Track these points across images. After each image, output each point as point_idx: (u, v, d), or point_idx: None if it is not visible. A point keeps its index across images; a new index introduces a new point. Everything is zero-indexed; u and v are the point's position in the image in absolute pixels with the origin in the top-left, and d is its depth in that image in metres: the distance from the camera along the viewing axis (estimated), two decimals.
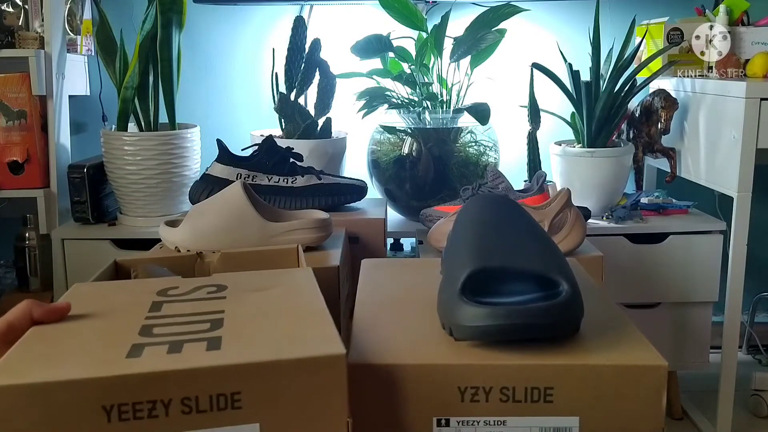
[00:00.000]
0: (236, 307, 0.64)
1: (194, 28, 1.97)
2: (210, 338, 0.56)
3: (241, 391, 0.52)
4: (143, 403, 0.50)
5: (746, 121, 1.49)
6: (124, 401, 0.50)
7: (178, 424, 0.51)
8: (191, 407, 0.51)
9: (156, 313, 0.63)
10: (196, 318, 0.61)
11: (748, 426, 1.76)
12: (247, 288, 0.70)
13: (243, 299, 0.67)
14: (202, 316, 0.62)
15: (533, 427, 0.63)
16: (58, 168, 1.72)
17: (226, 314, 0.62)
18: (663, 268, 1.67)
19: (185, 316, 0.62)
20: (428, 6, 1.86)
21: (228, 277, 0.74)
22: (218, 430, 0.52)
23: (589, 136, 1.69)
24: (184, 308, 0.64)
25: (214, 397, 0.51)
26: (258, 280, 0.73)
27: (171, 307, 0.65)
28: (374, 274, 0.89)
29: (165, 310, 0.64)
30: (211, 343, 0.55)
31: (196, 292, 0.69)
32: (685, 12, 1.87)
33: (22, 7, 1.74)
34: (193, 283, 0.72)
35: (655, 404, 0.62)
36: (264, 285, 0.71)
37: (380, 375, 0.63)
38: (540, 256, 0.70)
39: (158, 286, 0.71)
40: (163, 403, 0.51)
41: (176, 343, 0.55)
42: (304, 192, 1.42)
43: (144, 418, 0.50)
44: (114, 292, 0.71)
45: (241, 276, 0.75)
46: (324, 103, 1.73)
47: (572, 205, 1.29)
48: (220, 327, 0.59)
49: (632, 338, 0.67)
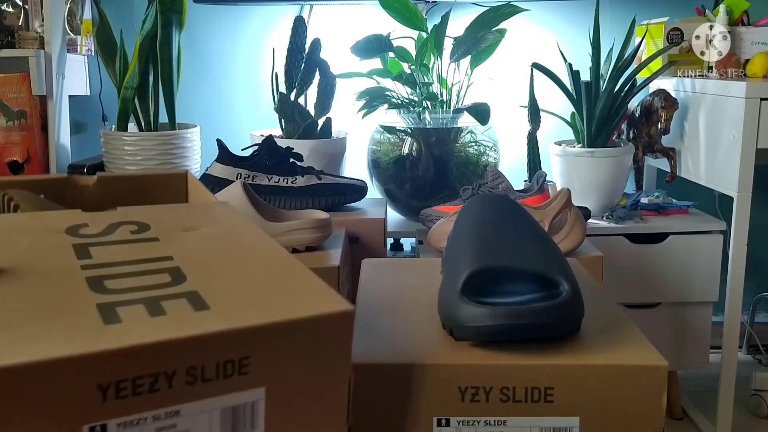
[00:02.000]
0: (183, 252, 0.56)
1: (194, 28, 1.97)
2: (186, 294, 0.49)
3: (249, 355, 0.47)
4: (144, 377, 0.44)
5: (746, 121, 1.49)
6: (123, 377, 0.43)
7: (180, 396, 0.45)
8: (196, 377, 0.46)
9: (90, 261, 0.53)
10: (146, 267, 0.53)
11: (748, 426, 1.76)
12: (175, 227, 0.61)
13: (181, 240, 0.59)
14: (151, 264, 0.54)
15: (533, 427, 0.63)
16: (58, 168, 1.72)
17: (178, 261, 0.54)
18: (663, 268, 1.67)
19: (130, 265, 0.53)
20: (428, 6, 1.86)
21: (140, 212, 0.64)
22: (221, 399, 0.47)
23: (589, 136, 1.69)
24: (120, 253, 0.55)
25: (221, 365, 0.46)
26: (179, 217, 0.64)
27: (102, 252, 0.55)
28: (374, 274, 0.89)
29: (97, 256, 0.54)
30: (192, 301, 0.49)
31: (116, 232, 0.60)
32: (685, 12, 1.87)
33: (22, 7, 1.74)
34: (104, 220, 0.62)
35: (655, 404, 0.62)
36: (192, 223, 0.62)
37: (380, 375, 0.63)
38: (540, 256, 0.70)
39: (63, 222, 0.61)
40: (167, 375, 0.44)
41: (150, 301, 0.48)
42: (304, 192, 1.42)
43: (144, 393, 0.44)
44: (13, 232, 0.59)
45: (156, 210, 0.66)
46: (324, 103, 1.73)
47: (572, 205, 1.29)
48: (184, 279, 0.52)
49: (632, 338, 0.67)
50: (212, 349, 0.46)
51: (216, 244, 0.59)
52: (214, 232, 0.61)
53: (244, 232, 0.62)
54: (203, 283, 0.51)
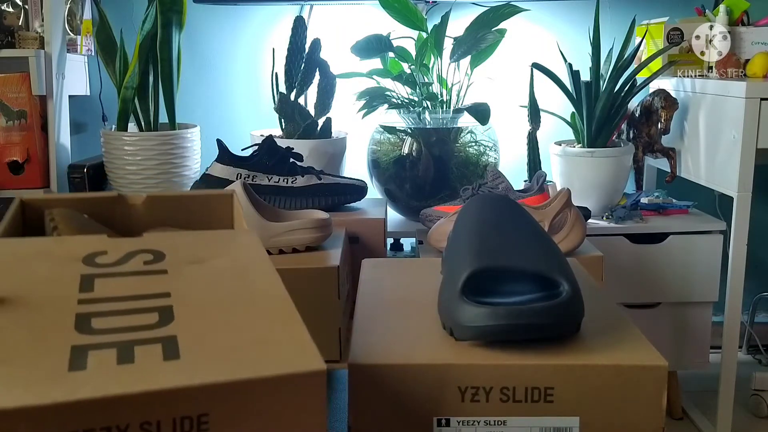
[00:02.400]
0: (182, 289, 0.57)
1: (194, 28, 1.97)
2: (164, 340, 0.49)
3: (209, 412, 0.45)
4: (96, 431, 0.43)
5: (746, 121, 1.49)
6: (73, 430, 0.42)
7: None
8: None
9: (89, 295, 0.55)
10: (140, 304, 0.54)
11: (748, 426, 1.76)
12: (188, 258, 0.62)
13: (186, 275, 0.59)
14: (147, 301, 0.54)
15: (533, 427, 0.63)
16: (58, 168, 1.72)
17: (174, 299, 0.55)
18: (663, 268, 1.67)
19: (126, 301, 0.54)
20: (428, 6, 1.86)
21: (162, 240, 0.66)
22: None
23: (589, 136, 1.69)
24: (122, 287, 0.56)
25: (178, 421, 0.45)
26: (198, 247, 0.65)
27: (105, 285, 0.56)
28: (374, 274, 0.89)
29: (99, 289, 0.56)
30: (166, 347, 0.48)
31: (130, 262, 0.61)
32: (685, 12, 1.87)
33: (22, 7, 1.74)
34: (123, 248, 0.63)
35: (655, 404, 0.62)
36: (205, 254, 0.63)
37: (380, 375, 0.63)
38: (540, 256, 0.70)
39: (84, 249, 0.62)
40: (119, 429, 0.43)
41: (124, 345, 0.48)
42: (304, 192, 1.42)
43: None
44: (32, 260, 0.61)
45: (178, 238, 0.67)
46: (324, 103, 1.73)
47: (572, 205, 1.29)
48: (170, 320, 0.52)
49: (632, 338, 0.67)
50: (169, 405, 0.44)
51: (219, 281, 0.59)
52: (223, 267, 0.62)
53: (253, 269, 0.62)
54: (187, 326, 0.51)
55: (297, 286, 1.09)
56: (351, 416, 0.63)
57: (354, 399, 0.63)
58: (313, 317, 1.09)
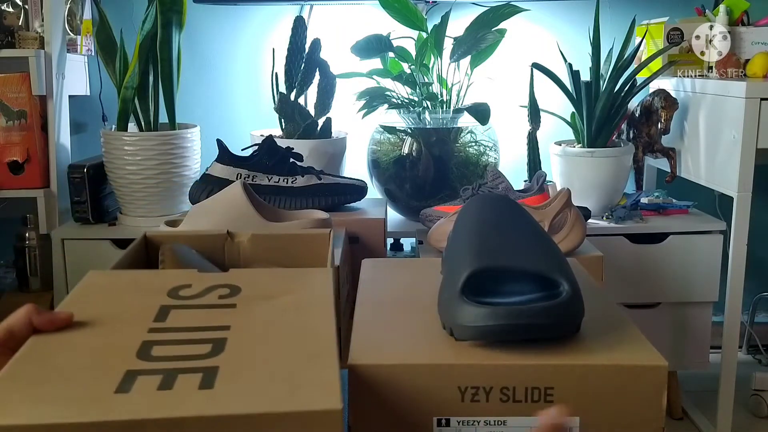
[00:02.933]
0: (242, 323, 0.61)
1: (194, 28, 1.97)
2: (206, 370, 0.53)
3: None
4: None
5: (746, 121, 1.49)
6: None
7: None
8: None
9: (160, 324, 0.60)
10: (199, 335, 0.58)
11: (748, 426, 1.76)
12: (260, 294, 0.67)
13: (252, 310, 0.64)
14: (206, 332, 0.59)
15: (534, 427, 0.63)
16: (58, 168, 1.72)
17: (231, 332, 0.59)
18: (663, 268, 1.67)
19: (189, 332, 0.59)
20: (428, 6, 1.86)
21: (245, 276, 0.71)
22: None
23: (589, 136, 1.69)
24: (191, 318, 0.62)
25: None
26: (274, 283, 0.70)
27: (177, 316, 0.62)
28: (374, 274, 0.89)
29: (171, 319, 0.61)
30: (205, 377, 0.52)
31: (207, 295, 0.66)
32: (685, 12, 1.87)
33: (22, 7, 1.74)
34: (206, 282, 0.69)
35: (655, 404, 0.62)
36: (277, 291, 0.68)
37: (380, 375, 0.63)
38: (540, 256, 0.70)
39: (172, 282, 0.68)
40: None
41: (170, 373, 0.52)
42: (304, 192, 1.42)
43: None
44: (125, 290, 0.68)
45: (260, 275, 0.73)
46: (324, 103, 1.73)
47: (572, 205, 1.29)
48: (220, 352, 0.56)
49: (632, 338, 0.67)
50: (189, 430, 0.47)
51: (278, 317, 0.63)
52: (288, 303, 0.65)
53: (313, 306, 0.65)
54: (231, 359, 0.54)
55: None
56: (351, 416, 0.63)
57: (354, 399, 0.63)
58: None
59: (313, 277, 0.73)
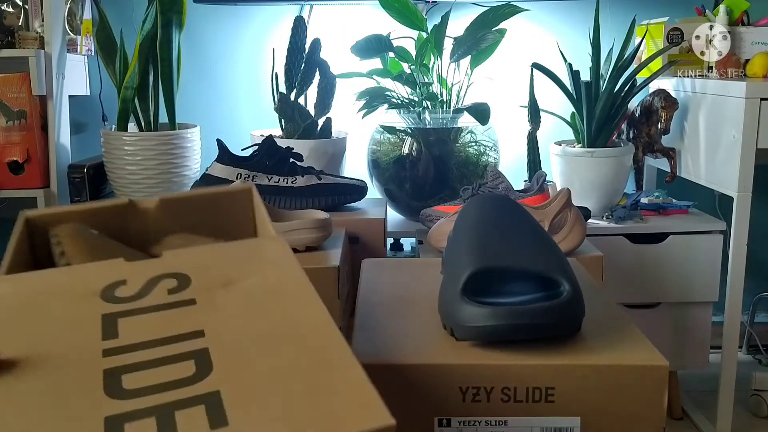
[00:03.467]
0: (216, 324, 0.50)
1: (194, 28, 1.97)
2: (206, 398, 0.43)
3: None
4: None
5: (746, 121, 1.49)
6: None
7: None
8: None
9: (114, 343, 0.48)
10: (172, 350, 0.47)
11: (748, 426, 1.76)
12: (216, 280, 0.55)
13: (218, 304, 0.53)
14: (179, 344, 0.47)
15: (534, 427, 0.63)
16: (58, 168, 1.72)
17: (208, 339, 0.48)
18: (663, 268, 1.67)
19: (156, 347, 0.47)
20: (428, 6, 1.86)
21: (184, 258, 0.59)
22: None
23: (589, 136, 1.69)
24: (149, 328, 0.49)
25: None
26: (224, 264, 0.58)
27: (130, 327, 0.49)
28: (374, 274, 0.89)
29: (124, 333, 0.49)
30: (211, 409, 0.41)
31: (153, 291, 0.54)
32: (685, 12, 1.87)
33: (22, 7, 1.74)
34: (144, 273, 0.56)
35: (656, 404, 0.62)
36: (234, 273, 0.56)
37: (381, 375, 0.63)
38: (541, 256, 0.70)
39: (101, 280, 0.55)
40: None
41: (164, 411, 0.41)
42: (304, 192, 1.42)
43: None
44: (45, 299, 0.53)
45: (201, 254, 0.60)
46: (324, 103, 1.73)
47: (572, 205, 1.29)
48: (209, 370, 0.45)
49: (633, 338, 0.67)
50: None
51: (254, 310, 0.52)
52: (256, 289, 0.54)
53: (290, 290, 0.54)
54: (229, 376, 0.45)
55: None
56: None
57: None
58: None
59: (267, 250, 0.61)
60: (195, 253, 0.60)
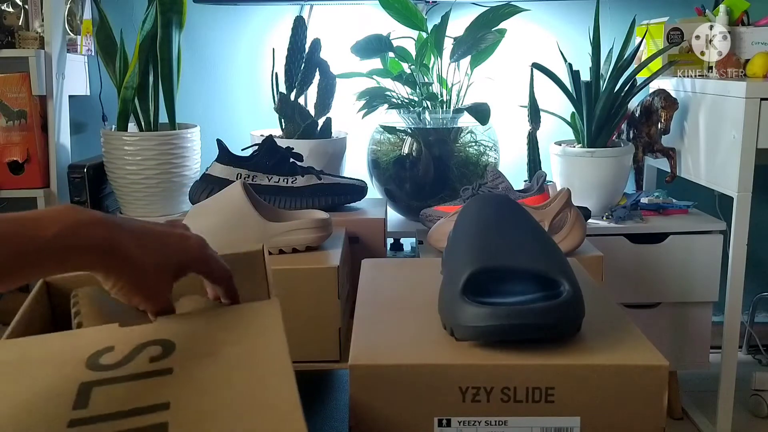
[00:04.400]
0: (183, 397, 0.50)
1: (194, 28, 1.97)
2: None
3: None
4: None
5: (746, 121, 1.49)
6: None
7: None
8: None
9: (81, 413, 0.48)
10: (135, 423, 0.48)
11: (748, 426, 1.76)
12: (199, 349, 0.56)
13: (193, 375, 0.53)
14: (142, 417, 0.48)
15: (534, 427, 0.63)
16: (58, 168, 1.72)
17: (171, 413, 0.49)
18: (663, 268, 1.67)
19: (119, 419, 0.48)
20: (428, 6, 1.86)
21: (177, 325, 0.60)
22: None
23: (589, 136, 1.69)
24: (119, 398, 0.50)
25: None
26: (212, 332, 0.59)
27: (101, 397, 0.50)
28: (374, 274, 0.89)
29: (93, 403, 0.49)
30: None
31: (135, 359, 0.55)
32: (685, 12, 1.87)
33: (22, 7, 1.74)
34: (131, 340, 0.57)
35: (656, 404, 0.62)
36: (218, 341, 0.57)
37: (381, 375, 0.63)
38: (541, 256, 0.70)
39: (90, 346, 0.56)
40: None
41: None
42: (304, 192, 1.42)
43: None
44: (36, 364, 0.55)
45: (194, 321, 0.61)
46: (324, 103, 1.73)
47: (572, 205, 1.29)
48: None
49: (633, 338, 0.67)
50: None
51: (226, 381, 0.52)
52: (235, 360, 0.55)
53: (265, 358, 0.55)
54: None
55: (297, 286, 1.09)
56: (352, 417, 0.63)
57: (355, 399, 0.63)
58: (313, 317, 1.09)
59: (258, 316, 0.61)
60: (187, 319, 0.61)
